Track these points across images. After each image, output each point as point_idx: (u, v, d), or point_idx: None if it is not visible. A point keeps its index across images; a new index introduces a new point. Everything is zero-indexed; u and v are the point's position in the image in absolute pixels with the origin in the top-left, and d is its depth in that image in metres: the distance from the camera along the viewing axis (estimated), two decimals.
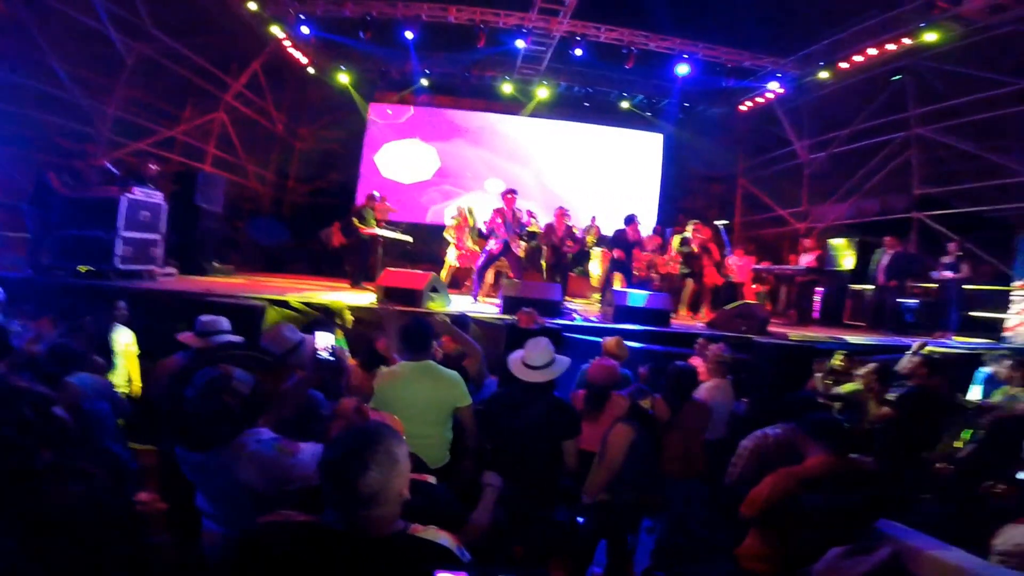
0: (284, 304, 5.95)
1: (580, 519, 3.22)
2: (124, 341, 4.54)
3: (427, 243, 10.61)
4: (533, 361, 2.95)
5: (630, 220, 8.98)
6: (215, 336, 3.29)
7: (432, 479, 1.87)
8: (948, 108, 9.60)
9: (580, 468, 3.09)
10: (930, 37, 8.92)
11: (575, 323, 6.75)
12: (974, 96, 9.09)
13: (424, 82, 12.99)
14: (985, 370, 5.32)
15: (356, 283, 8.57)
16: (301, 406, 2.47)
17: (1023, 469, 2.89)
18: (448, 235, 9.07)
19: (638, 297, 7.17)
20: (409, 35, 10.74)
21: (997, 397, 4.69)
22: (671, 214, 13.40)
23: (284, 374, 2.60)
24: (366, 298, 6.90)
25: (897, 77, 10.33)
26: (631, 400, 3.26)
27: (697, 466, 3.61)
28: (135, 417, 3.35)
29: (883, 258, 8.99)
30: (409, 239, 9.75)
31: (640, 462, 3.06)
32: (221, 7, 9.45)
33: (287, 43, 11.27)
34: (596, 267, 10.25)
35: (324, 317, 4.35)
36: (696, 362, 4.72)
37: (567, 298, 8.79)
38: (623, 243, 8.86)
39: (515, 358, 3.04)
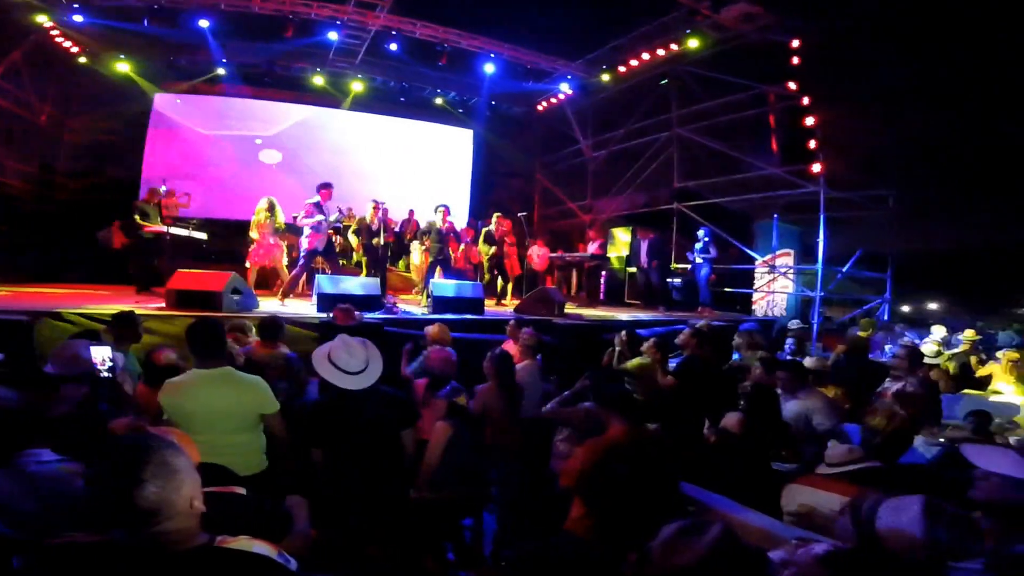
0: (58, 316, 5.19)
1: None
2: None
3: (228, 240, 9.83)
4: (350, 366, 2.72)
5: (442, 207, 9.23)
6: None
7: (241, 490, 1.75)
8: (701, 110, 10.67)
9: (420, 456, 3.05)
10: (693, 43, 9.85)
11: (397, 317, 6.77)
12: (721, 99, 10.26)
13: (221, 71, 11.90)
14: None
15: (143, 288, 7.65)
16: (87, 426, 2.23)
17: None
18: (252, 232, 8.24)
19: (453, 287, 7.55)
20: (205, 23, 9.82)
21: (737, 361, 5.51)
22: (482, 208, 13.99)
23: (56, 391, 2.42)
24: (155, 305, 6.21)
25: (664, 81, 11.51)
26: (447, 400, 3.33)
27: (515, 446, 3.69)
28: None
29: (642, 244, 10.10)
30: (204, 236, 8.69)
31: (461, 457, 3.09)
32: None
33: (55, 32, 9.90)
34: (417, 260, 10.31)
35: (114, 328, 3.89)
36: (508, 346, 5.08)
37: (392, 293, 8.82)
38: (439, 234, 9.11)
39: (321, 359, 2.74)
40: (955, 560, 1.49)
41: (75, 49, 10.84)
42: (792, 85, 9.25)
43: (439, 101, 14.05)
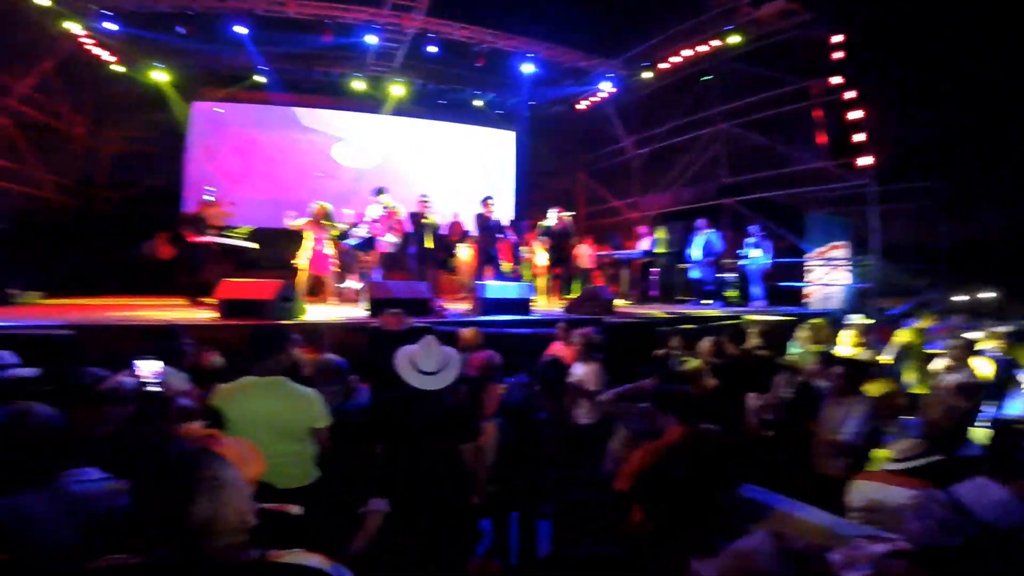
0: (106, 330, 5.16)
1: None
2: None
3: (273, 248, 9.79)
4: (425, 365, 2.76)
5: (485, 200, 8.98)
6: (1, 372, 2.96)
7: (297, 509, 1.77)
8: (745, 105, 10.73)
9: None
10: (734, 40, 10.09)
11: (445, 320, 6.66)
12: (764, 94, 10.29)
13: (259, 78, 11.98)
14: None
15: (193, 299, 7.69)
16: (137, 443, 2.21)
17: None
18: (305, 237, 8.26)
19: (500, 288, 7.38)
20: (242, 30, 9.85)
21: (794, 356, 5.39)
22: (525, 209, 13.92)
23: (102, 408, 2.34)
24: (205, 314, 6.23)
25: (706, 78, 11.51)
26: (503, 398, 3.28)
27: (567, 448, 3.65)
28: None
29: (694, 240, 9.98)
30: (255, 245, 8.86)
31: (513, 458, 3.04)
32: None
33: (87, 40, 9.89)
34: (463, 262, 10.23)
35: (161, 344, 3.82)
36: (557, 346, 4.98)
37: (442, 296, 8.72)
38: (484, 225, 8.89)
39: (404, 360, 2.81)
40: None
41: (110, 57, 10.88)
42: (836, 79, 9.25)
43: (479, 103, 14.00)
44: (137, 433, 2.26)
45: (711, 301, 9.72)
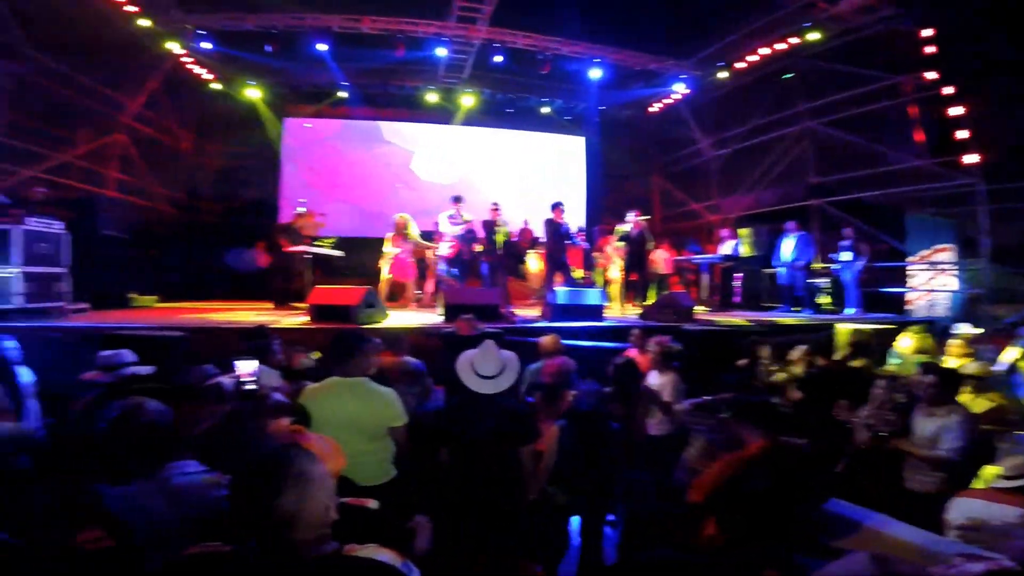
0: (212, 331, 5.62)
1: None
2: (27, 381, 4.16)
3: (359, 256, 10.25)
4: (484, 370, 2.84)
5: (555, 206, 8.82)
6: (121, 370, 3.24)
7: (373, 503, 1.81)
8: (831, 103, 10.34)
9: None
10: (813, 36, 9.67)
11: (515, 326, 6.69)
12: (851, 91, 9.88)
13: (343, 94, 12.69)
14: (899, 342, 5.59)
15: (281, 303, 8.23)
16: (234, 438, 2.34)
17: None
18: (388, 246, 8.69)
19: (571, 294, 7.32)
20: (323, 47, 10.42)
21: (893, 366, 5.07)
22: (597, 214, 13.78)
23: (203, 405, 2.52)
24: (296, 319, 6.65)
25: (787, 76, 11.04)
26: (572, 401, 3.27)
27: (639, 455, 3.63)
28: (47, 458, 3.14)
29: (783, 243, 9.46)
30: (341, 253, 9.35)
31: (575, 461, 3.02)
32: (106, 24, 8.77)
33: (187, 59, 10.71)
34: (534, 268, 10.30)
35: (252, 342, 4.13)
36: (632, 354, 4.88)
37: (513, 302, 8.79)
38: (555, 231, 8.79)
39: (464, 365, 2.91)
40: None
41: (208, 75, 11.63)
42: (931, 74, 8.83)
43: (546, 110, 14.04)
44: (233, 428, 2.36)
45: (801, 308, 9.24)
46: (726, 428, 2.97)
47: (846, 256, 8.95)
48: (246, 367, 2.50)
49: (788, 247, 9.35)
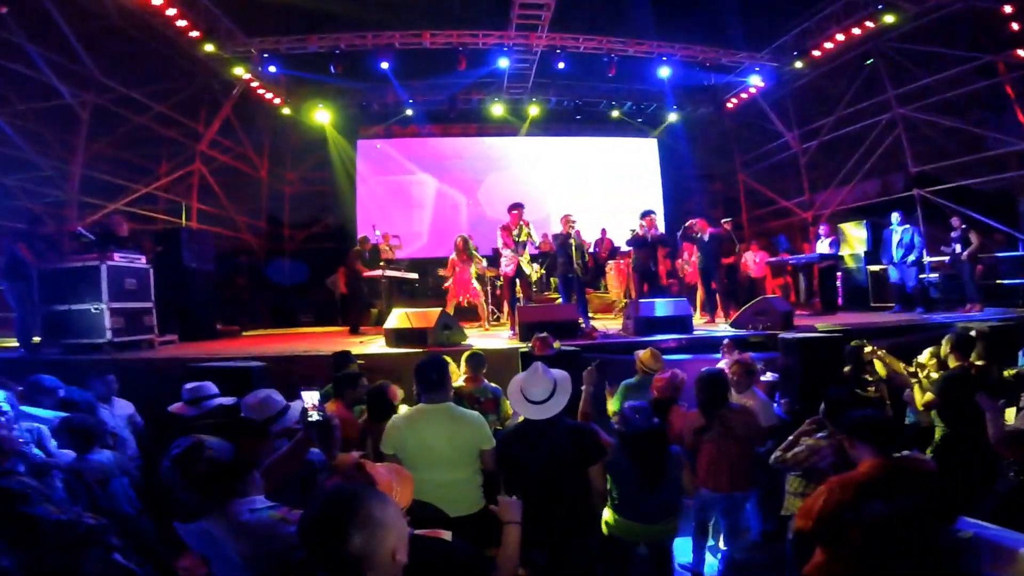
0: (284, 360, 5.62)
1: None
2: (126, 414, 4.29)
3: (432, 277, 10.18)
4: (534, 395, 2.74)
5: (645, 214, 8.24)
6: (206, 402, 3.28)
7: (447, 535, 1.71)
8: (921, 87, 9.80)
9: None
10: (889, 19, 9.17)
11: (595, 342, 6.39)
12: (941, 74, 9.36)
13: (409, 112, 12.69)
14: None
15: (355, 330, 8.25)
16: (299, 471, 2.38)
17: None
18: (449, 268, 8.49)
19: (657, 306, 6.88)
20: (385, 65, 10.47)
21: None
22: (677, 218, 13.06)
23: (266, 440, 2.49)
24: (374, 345, 6.60)
25: (869, 61, 10.38)
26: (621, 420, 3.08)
27: (744, 477, 3.41)
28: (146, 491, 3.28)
29: (889, 237, 8.75)
30: (415, 276, 9.29)
31: (630, 485, 2.93)
32: (175, 51, 9.13)
33: (255, 84, 10.87)
34: (614, 281, 9.95)
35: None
36: (722, 365, 4.47)
37: (592, 315, 8.44)
38: (643, 241, 8.24)
39: (515, 390, 2.83)
40: None
41: (277, 100, 11.62)
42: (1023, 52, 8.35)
43: (616, 114, 13.62)
44: (301, 463, 2.39)
45: (915, 307, 8.41)
46: (831, 449, 2.82)
47: (957, 248, 8.22)
48: (311, 397, 2.44)
49: (896, 241, 8.60)
